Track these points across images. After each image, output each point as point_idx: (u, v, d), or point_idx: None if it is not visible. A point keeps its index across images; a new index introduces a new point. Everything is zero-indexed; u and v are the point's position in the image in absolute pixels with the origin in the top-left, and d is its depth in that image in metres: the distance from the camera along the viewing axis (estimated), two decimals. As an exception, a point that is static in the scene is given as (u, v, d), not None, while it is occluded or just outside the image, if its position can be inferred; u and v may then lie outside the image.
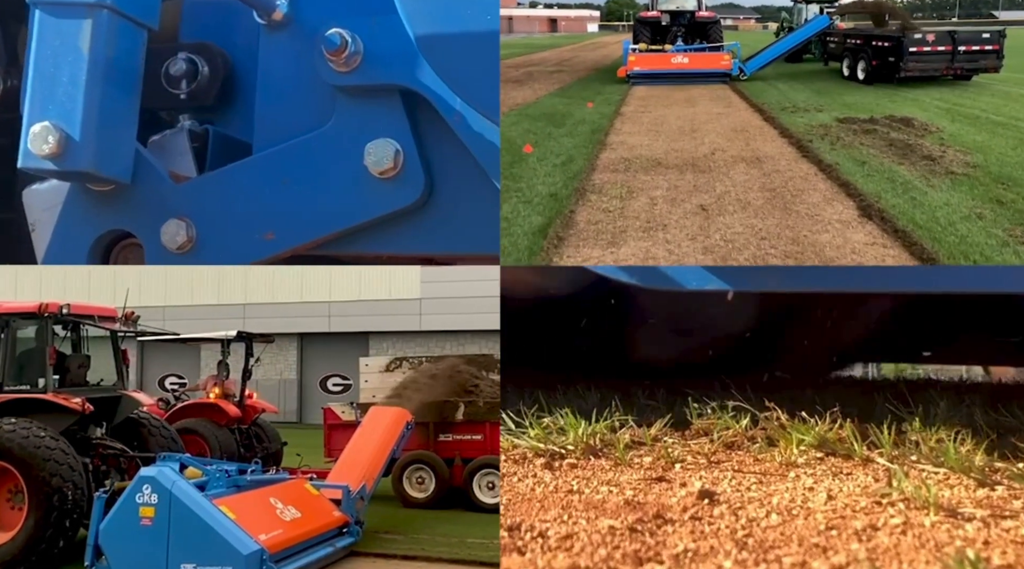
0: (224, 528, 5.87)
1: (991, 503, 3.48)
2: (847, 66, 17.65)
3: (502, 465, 4.38)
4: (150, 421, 8.56)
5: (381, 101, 3.48)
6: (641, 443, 4.72)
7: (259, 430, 11.39)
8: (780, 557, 2.76)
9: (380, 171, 3.50)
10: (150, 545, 5.90)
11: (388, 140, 3.50)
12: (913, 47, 15.67)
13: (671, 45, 18.51)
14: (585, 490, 3.81)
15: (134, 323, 8.65)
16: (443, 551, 7.32)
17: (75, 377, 8.14)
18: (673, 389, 6.17)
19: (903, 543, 2.91)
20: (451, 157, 3.55)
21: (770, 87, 16.94)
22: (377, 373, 11.03)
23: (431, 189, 3.58)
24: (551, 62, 24.20)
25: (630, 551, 2.83)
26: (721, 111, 14.41)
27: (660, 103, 15.27)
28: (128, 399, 8.33)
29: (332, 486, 7.57)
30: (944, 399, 5.58)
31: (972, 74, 16.35)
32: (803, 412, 4.72)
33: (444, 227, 3.61)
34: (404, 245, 3.66)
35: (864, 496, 3.60)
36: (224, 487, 6.51)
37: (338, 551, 6.99)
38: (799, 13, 21.84)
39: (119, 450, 7.79)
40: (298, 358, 23.82)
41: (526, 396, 5.79)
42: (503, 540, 2.98)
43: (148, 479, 6.05)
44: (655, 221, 7.57)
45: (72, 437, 7.40)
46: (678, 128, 12.44)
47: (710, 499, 3.56)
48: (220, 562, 5.78)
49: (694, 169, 9.62)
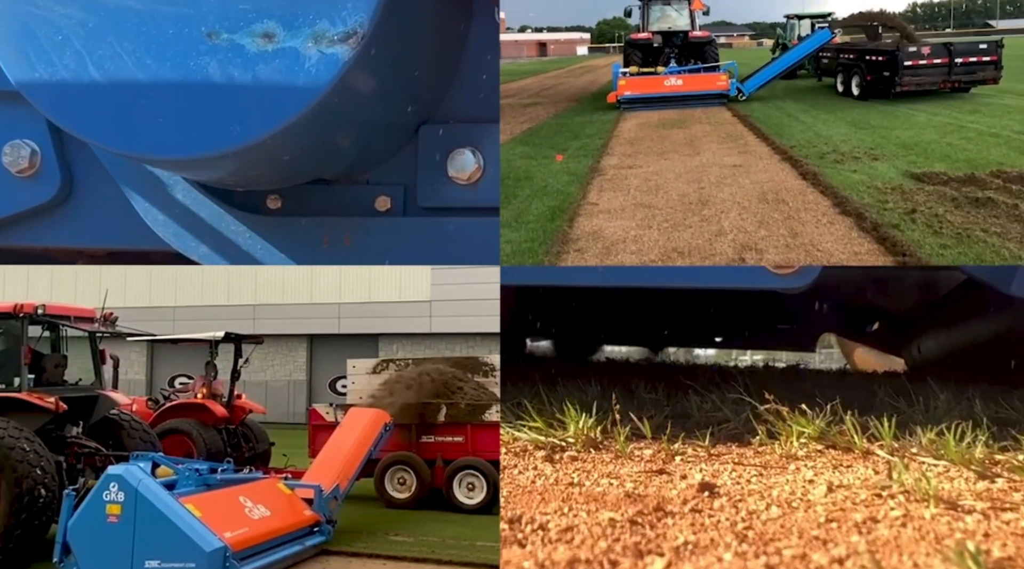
0: (188, 525, 5.96)
1: (991, 495, 3.49)
2: (841, 82, 17.09)
3: (502, 458, 4.38)
4: (129, 421, 8.64)
5: (20, 104, 3.34)
6: (641, 436, 4.72)
7: (247, 430, 11.46)
8: (780, 549, 2.76)
9: (18, 170, 3.67)
10: (116, 542, 5.99)
11: (25, 141, 3.66)
12: (908, 61, 15.24)
13: (664, 67, 17.57)
14: (585, 483, 3.81)
15: (112, 324, 8.77)
16: (419, 551, 7.39)
17: (52, 376, 8.27)
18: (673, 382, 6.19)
19: (903, 535, 2.91)
20: (92, 156, 3.66)
21: (783, 114, 14.77)
22: (364, 375, 11.11)
23: (71, 186, 3.73)
24: (528, 92, 21.67)
25: (630, 543, 2.83)
26: (737, 161, 10.59)
27: (653, 149, 11.89)
28: (105, 399, 8.44)
29: (304, 485, 7.69)
30: (944, 392, 5.60)
31: (970, 86, 15.91)
32: (803, 405, 4.72)
33: (90, 222, 3.76)
34: (52, 238, 3.82)
35: (864, 488, 3.60)
36: (193, 486, 6.63)
37: (307, 549, 7.11)
38: (791, 29, 21.25)
39: (94, 449, 7.88)
40: (308, 359, 23.86)
41: (526, 390, 5.80)
42: (503, 532, 2.98)
43: (115, 477, 6.15)
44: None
45: (48, 436, 7.51)
46: (680, 198, 8.71)
47: (710, 492, 3.57)
48: (184, 558, 5.88)
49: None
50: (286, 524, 7.01)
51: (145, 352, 23.88)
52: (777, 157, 10.80)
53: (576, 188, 9.39)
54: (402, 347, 22.29)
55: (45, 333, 8.48)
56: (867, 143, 11.46)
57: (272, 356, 23.90)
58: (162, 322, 21.84)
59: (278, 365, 24.12)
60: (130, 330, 10.31)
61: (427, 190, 3.23)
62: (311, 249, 3.32)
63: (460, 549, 7.43)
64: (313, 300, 23.41)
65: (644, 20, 18.95)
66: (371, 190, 3.30)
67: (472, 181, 3.18)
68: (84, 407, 8.10)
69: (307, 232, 3.32)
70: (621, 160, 11.09)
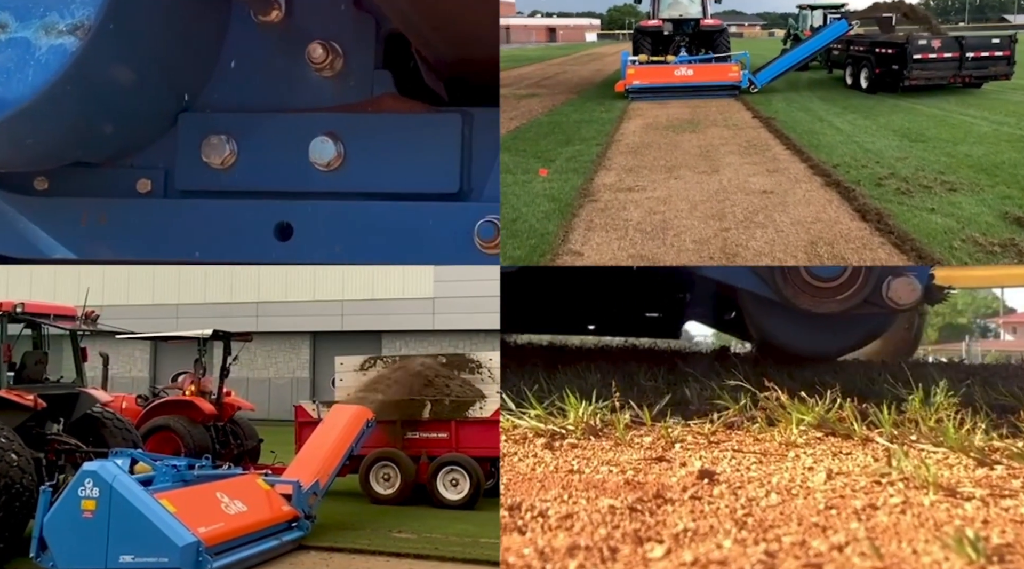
0: (161, 520, 6.05)
1: (990, 482, 3.49)
2: (850, 74, 16.58)
3: (502, 445, 4.39)
4: (111, 418, 8.74)
5: None
6: (641, 423, 4.73)
7: (236, 427, 11.50)
8: (780, 536, 2.76)
9: None
10: (91, 537, 6.08)
11: None
12: (918, 54, 14.66)
13: (674, 56, 16.85)
14: (585, 470, 3.82)
15: (93, 322, 8.89)
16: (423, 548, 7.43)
17: (32, 374, 8.35)
18: (672, 369, 6.20)
19: (902, 522, 2.91)
20: None
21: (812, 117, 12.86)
22: (352, 371, 11.17)
23: None
24: (528, 81, 19.97)
25: (630, 530, 2.83)
26: (768, 185, 8.43)
27: (660, 161, 9.87)
28: (86, 396, 8.55)
29: (283, 481, 7.76)
30: (943, 378, 5.60)
31: (982, 82, 15.38)
32: (803, 392, 4.73)
33: None
34: None
35: (864, 476, 3.61)
36: (170, 482, 6.72)
37: (285, 544, 7.21)
38: (804, 19, 20.72)
39: (74, 446, 7.93)
40: (311, 356, 23.87)
41: (527, 376, 5.80)
42: (503, 520, 2.98)
43: (90, 473, 6.25)
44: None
45: (28, 433, 7.58)
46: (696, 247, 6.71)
47: (710, 479, 3.57)
48: (157, 553, 5.98)
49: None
50: (263, 519, 7.12)
51: (149, 349, 23.94)
52: (819, 180, 8.65)
53: (556, 224, 7.31)
54: (405, 344, 22.28)
55: (27, 331, 8.58)
56: (932, 163, 9.26)
57: (275, 353, 23.95)
58: (166, 320, 21.93)
59: (281, 362, 24.17)
60: (113, 328, 10.43)
61: (184, 174, 3.37)
62: (71, 229, 3.45)
63: (463, 546, 7.45)
64: (316, 297, 23.41)
65: (655, 7, 18.32)
66: (134, 173, 3.45)
67: (226, 166, 3.31)
68: (65, 404, 8.20)
69: (69, 212, 3.46)
70: (620, 178, 9.11)
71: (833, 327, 6.77)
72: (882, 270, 6.19)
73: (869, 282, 6.20)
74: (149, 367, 24.36)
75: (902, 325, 14.72)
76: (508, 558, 2.63)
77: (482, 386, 10.46)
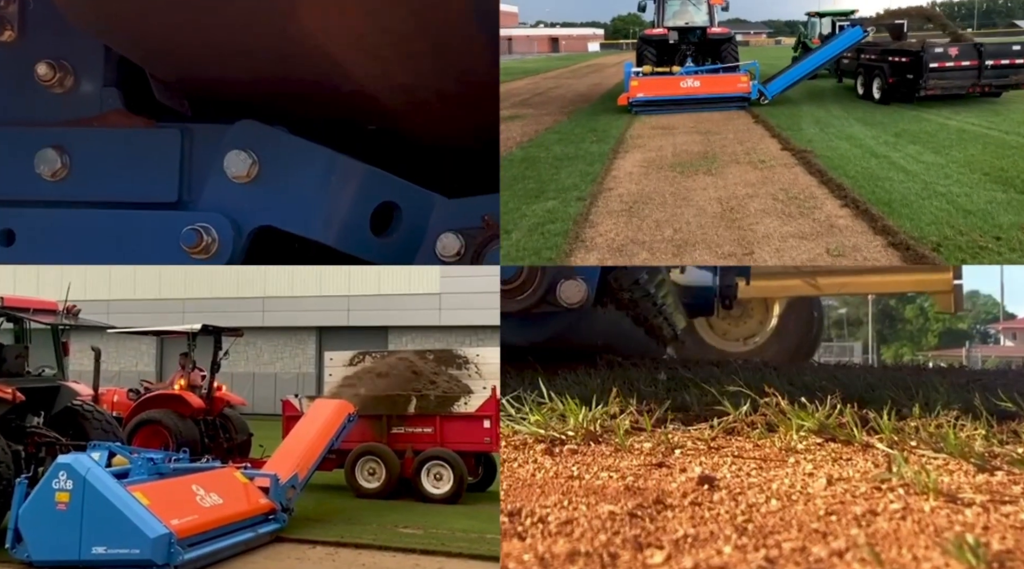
0: (134, 513, 6.14)
1: (990, 488, 3.49)
2: (861, 84, 15.98)
3: (502, 451, 4.40)
4: (91, 411, 8.82)
5: None
6: (641, 429, 4.73)
7: (226, 421, 11.54)
8: (780, 542, 2.77)
9: None
10: (65, 529, 6.17)
11: None
12: (934, 63, 14.04)
13: (679, 67, 16.09)
14: (585, 476, 3.82)
15: (75, 316, 8.98)
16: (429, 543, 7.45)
17: (12, 367, 8.42)
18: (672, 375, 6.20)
19: (903, 528, 2.92)
20: None
21: (864, 152, 9.80)
22: (341, 367, 11.24)
23: None
24: (516, 98, 18.01)
25: (630, 536, 2.84)
26: (817, 249, 6.00)
27: (666, 226, 7.14)
28: (66, 389, 8.66)
29: (261, 474, 7.83)
30: (944, 384, 5.60)
31: (1001, 91, 14.73)
32: (803, 398, 4.73)
33: None
34: None
35: (864, 481, 3.60)
36: (146, 475, 6.82)
37: (260, 536, 7.29)
38: (812, 27, 20.05)
39: (54, 438, 7.99)
40: (317, 351, 23.88)
41: (526, 382, 5.81)
42: (503, 525, 2.99)
43: (64, 466, 6.35)
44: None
45: (7, 425, 7.66)
46: None
47: (710, 485, 3.57)
48: (129, 545, 6.06)
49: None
50: (238, 512, 7.19)
51: (155, 344, 24.02)
52: (878, 238, 5.94)
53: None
54: (411, 339, 22.29)
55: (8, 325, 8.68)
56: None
57: (282, 348, 23.98)
58: (172, 314, 21.97)
59: (287, 357, 24.20)
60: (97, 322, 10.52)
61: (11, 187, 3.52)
62: None
63: (469, 542, 7.47)
64: (323, 292, 23.44)
65: (659, 15, 17.65)
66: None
67: (58, 178, 3.44)
68: (46, 397, 8.29)
69: None
70: (601, 259, 6.55)
71: (533, 323, 7.09)
72: (556, 271, 6.60)
73: (543, 283, 6.52)
74: (156, 361, 24.43)
75: (801, 327, 15.12)
76: (508, 564, 2.63)
77: (469, 382, 10.52)
